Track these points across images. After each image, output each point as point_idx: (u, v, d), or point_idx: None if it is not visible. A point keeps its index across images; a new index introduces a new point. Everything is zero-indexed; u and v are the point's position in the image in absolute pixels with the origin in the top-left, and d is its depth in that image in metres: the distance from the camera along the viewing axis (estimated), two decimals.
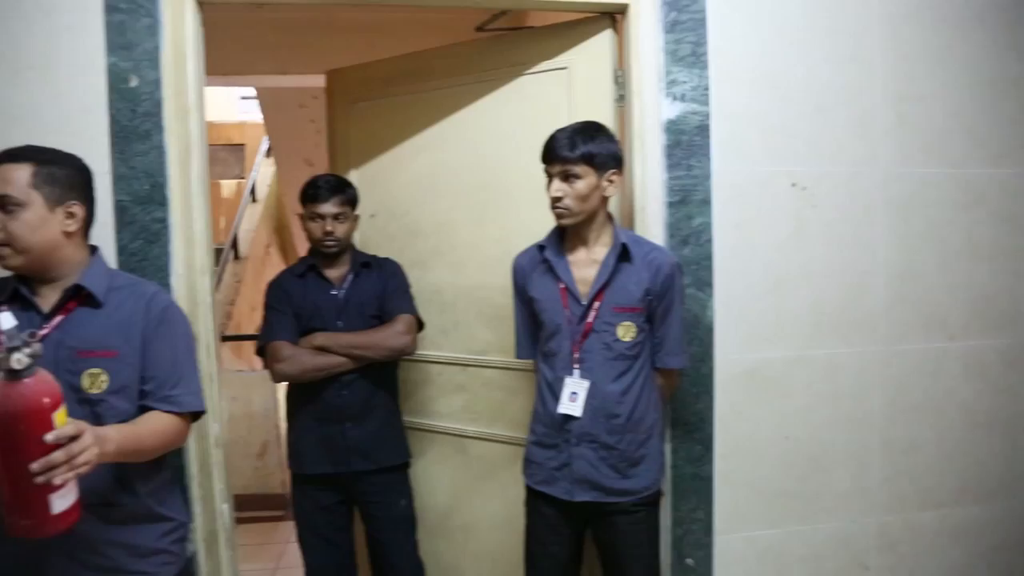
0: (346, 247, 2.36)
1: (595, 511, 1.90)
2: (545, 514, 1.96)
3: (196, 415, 1.59)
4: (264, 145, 6.39)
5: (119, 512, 1.51)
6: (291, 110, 4.48)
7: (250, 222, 6.24)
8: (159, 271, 1.87)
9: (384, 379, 2.35)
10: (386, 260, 2.42)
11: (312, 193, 2.30)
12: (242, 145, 8.53)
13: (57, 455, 1.14)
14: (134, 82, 1.88)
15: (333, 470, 2.28)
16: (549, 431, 1.92)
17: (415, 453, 2.47)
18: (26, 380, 1.10)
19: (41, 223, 1.43)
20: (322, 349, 2.21)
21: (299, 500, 2.37)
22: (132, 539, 1.53)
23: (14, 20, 1.88)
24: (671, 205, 2.08)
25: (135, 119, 1.88)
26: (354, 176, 2.58)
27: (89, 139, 1.83)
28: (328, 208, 2.27)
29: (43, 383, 1.13)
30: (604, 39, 2.16)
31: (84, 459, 1.18)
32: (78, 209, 1.49)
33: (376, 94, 2.57)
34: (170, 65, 1.89)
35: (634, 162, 2.08)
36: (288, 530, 4.15)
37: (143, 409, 1.51)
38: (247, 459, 4.33)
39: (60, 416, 1.14)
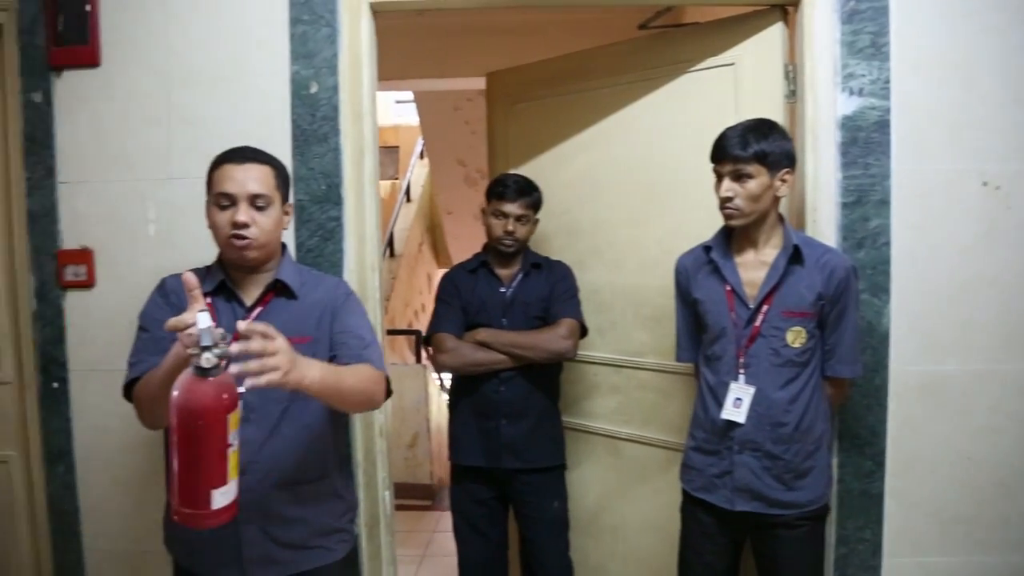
0: (522, 248, 2.39)
1: (756, 522, 1.83)
2: (702, 522, 1.91)
3: (388, 392, 1.62)
4: (418, 147, 6.64)
5: (310, 490, 1.61)
6: (446, 112, 4.62)
7: (405, 221, 6.50)
8: (333, 267, 1.98)
9: (544, 380, 2.36)
10: (557, 263, 2.43)
11: (499, 191, 2.33)
12: (396, 147, 8.91)
13: (254, 344, 1.18)
14: (314, 88, 2.00)
15: (486, 464, 2.33)
16: (710, 437, 1.87)
17: (567, 451, 2.47)
18: (211, 379, 1.13)
19: (277, 222, 1.58)
20: (484, 345, 2.26)
21: (456, 491, 2.43)
22: (318, 517, 1.62)
23: (211, 37, 2.05)
24: (845, 206, 1.97)
25: (314, 123, 2.00)
26: None
27: (273, 143, 1.95)
28: (513, 208, 2.31)
29: (225, 384, 1.15)
30: (775, 33, 2.08)
31: (275, 363, 1.19)
32: (289, 209, 1.64)
33: (536, 95, 2.60)
34: (347, 71, 2.00)
35: (806, 161, 1.99)
36: (435, 519, 4.31)
37: None
38: (398, 449, 4.51)
39: (233, 419, 1.16)
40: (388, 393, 1.62)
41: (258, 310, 1.59)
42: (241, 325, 1.19)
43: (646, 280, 2.33)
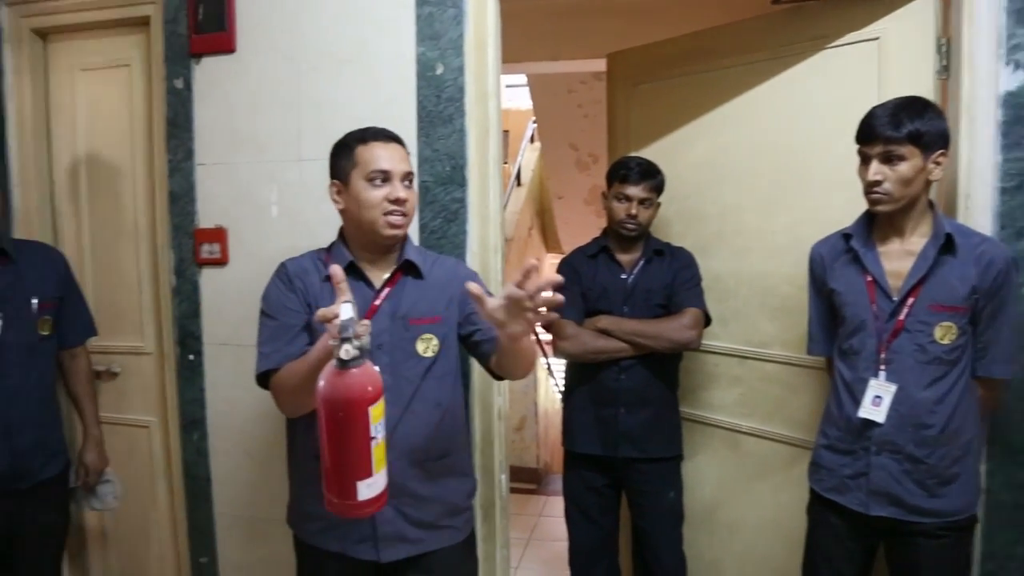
0: (644, 232, 2.33)
1: (893, 529, 1.71)
2: (833, 525, 1.80)
3: None
4: (528, 131, 6.62)
5: (440, 466, 1.64)
6: (560, 95, 4.57)
7: (515, 205, 6.50)
8: (456, 248, 1.99)
9: (664, 370, 2.30)
10: (679, 249, 2.35)
11: (623, 173, 2.27)
12: (506, 131, 8.94)
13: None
14: (439, 70, 2.00)
15: (603, 452, 2.29)
16: (844, 435, 1.76)
17: (683, 441, 2.41)
18: (353, 370, 1.12)
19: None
20: (604, 332, 2.22)
21: (569, 477, 2.41)
22: (449, 496, 1.65)
23: (340, 22, 2.08)
24: (1005, 191, 1.80)
25: (439, 104, 2.00)
26: None
27: (399, 125, 1.96)
28: (636, 191, 2.25)
29: (368, 375, 1.14)
30: (926, 3, 1.92)
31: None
32: None
33: (659, 75, 2.52)
34: (472, 52, 1.99)
35: (959, 142, 1.82)
36: (541, 503, 4.31)
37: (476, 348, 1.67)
38: (506, 433, 4.53)
39: (377, 409, 1.15)
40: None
41: (387, 290, 1.61)
42: (532, 260, 1.27)
43: (774, 268, 2.23)
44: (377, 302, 1.60)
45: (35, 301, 2.02)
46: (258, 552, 2.29)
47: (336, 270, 1.27)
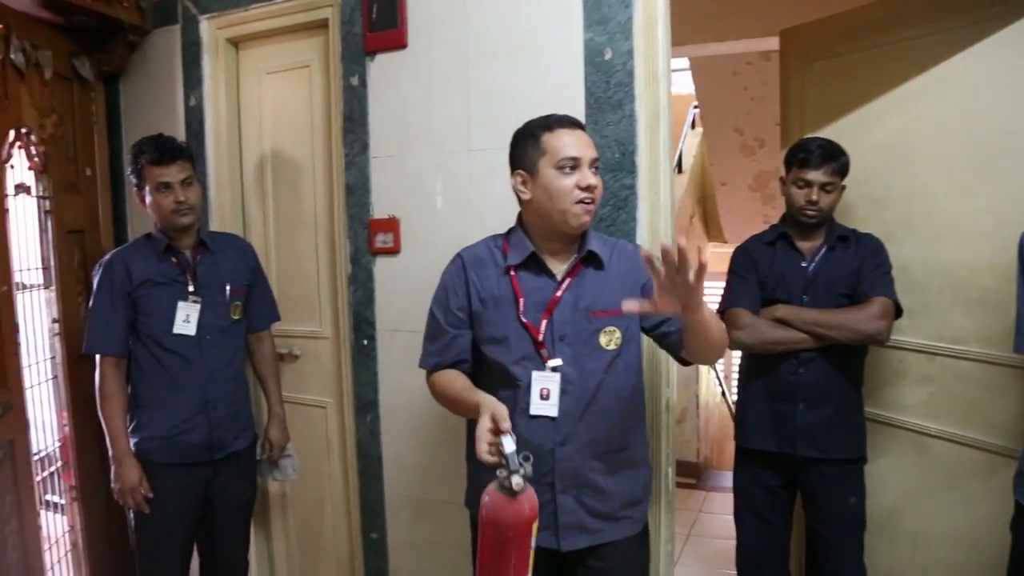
0: (826, 219, 2.19)
1: None
2: None
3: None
4: (689, 116, 6.45)
5: (621, 459, 1.63)
6: (724, 78, 4.41)
7: (676, 192, 6.37)
8: (625, 236, 1.95)
9: (847, 364, 2.15)
10: (866, 235, 2.19)
11: (802, 157, 2.14)
12: None
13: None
14: (608, 55, 1.97)
15: (778, 449, 2.18)
16: None
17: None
18: (519, 497, 1.25)
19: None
20: (782, 322, 2.11)
21: (741, 474, 2.32)
22: (628, 488, 1.63)
23: (507, 12, 2.09)
24: None
25: (608, 90, 1.97)
26: None
27: (567, 111, 1.93)
28: (817, 176, 2.11)
29: (530, 499, 1.27)
30: None
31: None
32: None
33: (838, 50, 2.37)
34: (641, 35, 1.94)
35: None
36: (701, 499, 4.19)
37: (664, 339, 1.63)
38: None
39: (535, 524, 1.29)
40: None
41: (568, 281, 1.59)
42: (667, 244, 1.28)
43: (971, 257, 2.03)
44: (559, 293, 1.59)
45: (229, 287, 2.20)
46: (425, 531, 2.37)
47: (500, 411, 1.36)
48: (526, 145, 1.59)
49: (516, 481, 1.24)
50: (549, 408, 1.56)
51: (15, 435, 2.23)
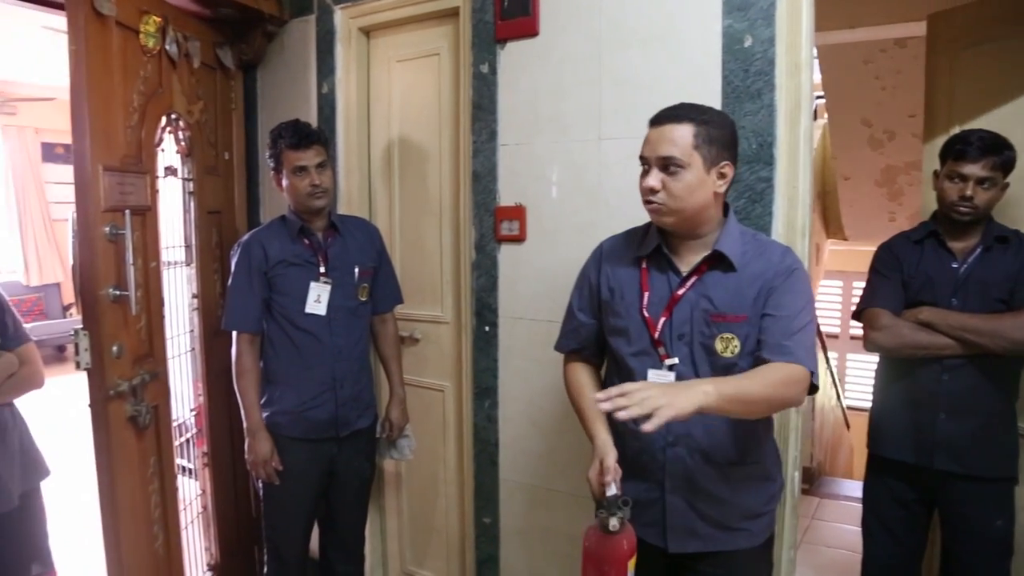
0: (983, 217, 2.04)
1: None
2: None
3: (812, 387, 1.47)
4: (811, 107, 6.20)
5: (741, 472, 1.57)
6: (854, 67, 4.19)
7: None
8: (759, 230, 1.87)
9: (1000, 375, 2.01)
10: None
11: (959, 149, 2.00)
12: None
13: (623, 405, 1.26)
14: (748, 42, 1.91)
15: (915, 461, 2.06)
16: None
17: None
18: (617, 536, 1.39)
19: (699, 185, 1.47)
20: (926, 325, 1.99)
21: (872, 484, 2.21)
22: (747, 500, 1.57)
23: None
24: None
25: (747, 79, 1.91)
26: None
27: (702, 101, 1.89)
28: (974, 170, 1.97)
29: (628, 536, 1.40)
30: None
31: (646, 407, 1.24)
32: (729, 170, 1.51)
33: (993, 36, 2.22)
34: (785, 21, 1.87)
35: None
36: (814, 505, 4.04)
37: (757, 362, 1.48)
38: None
39: (633, 561, 1.40)
40: (812, 388, 1.47)
41: (692, 280, 1.54)
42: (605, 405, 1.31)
43: None
44: (680, 292, 1.54)
45: (357, 269, 2.26)
46: (538, 519, 2.38)
47: (610, 462, 1.48)
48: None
49: (612, 523, 1.38)
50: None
51: (159, 401, 2.37)
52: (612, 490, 1.43)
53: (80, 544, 2.37)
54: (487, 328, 2.37)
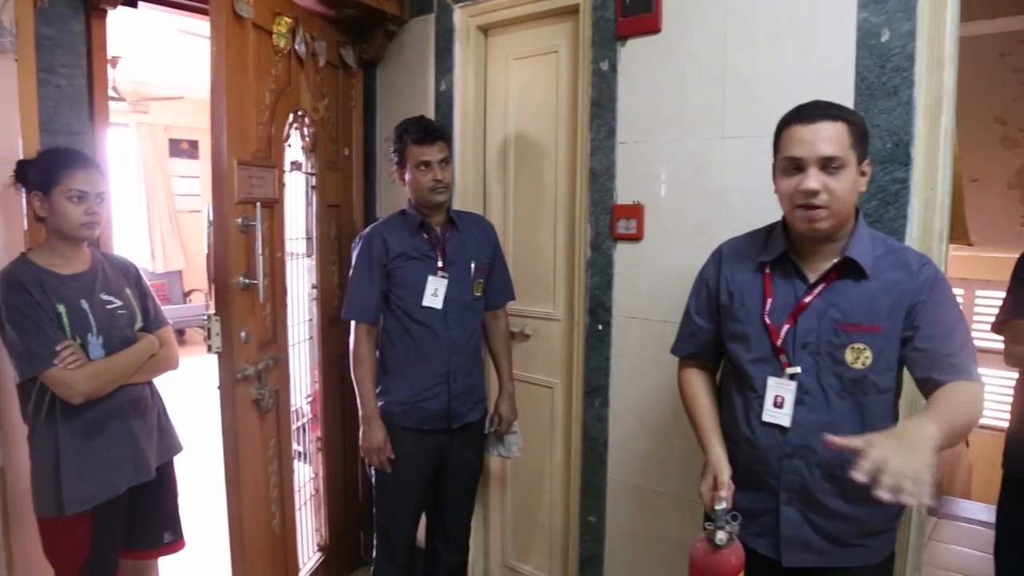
0: None
1: None
2: None
3: None
4: None
5: (863, 487, 1.50)
6: (989, 60, 3.93)
7: None
8: (892, 234, 1.80)
9: None
10: None
11: None
12: None
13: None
14: (885, 36, 1.82)
15: None
16: None
17: None
18: (724, 550, 1.39)
19: (853, 185, 1.42)
20: None
21: (1009, 508, 2.08)
22: (866, 517, 1.49)
23: None
24: None
25: (883, 75, 1.82)
26: None
27: (833, 98, 1.83)
28: None
29: (736, 552, 1.41)
30: None
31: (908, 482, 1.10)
32: (868, 168, 1.46)
33: None
34: (927, 14, 1.77)
35: None
36: (931, 525, 3.84)
37: (926, 383, 1.40)
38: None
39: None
40: None
41: (820, 288, 1.48)
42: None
43: None
44: (807, 299, 1.48)
45: (473, 265, 2.29)
46: (644, 520, 2.35)
47: (721, 493, 1.46)
48: (776, 137, 1.50)
49: (720, 536, 1.38)
50: (781, 417, 1.48)
51: (280, 386, 2.48)
52: (723, 504, 1.43)
53: (195, 518, 2.51)
54: (600, 327, 2.36)
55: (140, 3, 2.53)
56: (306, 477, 2.94)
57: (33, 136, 2.14)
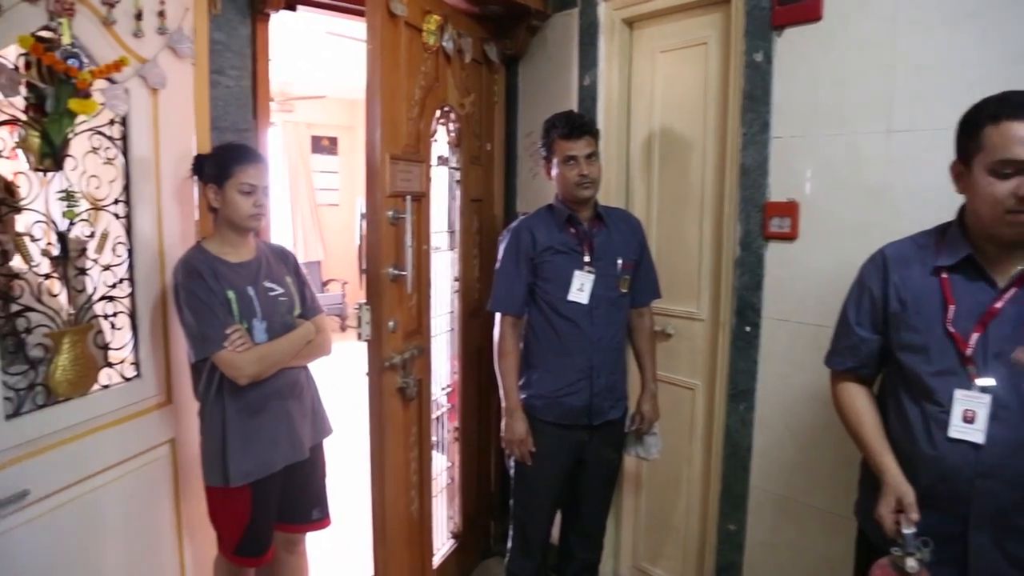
0: None
1: None
2: None
3: None
4: None
5: None
6: None
7: None
8: None
9: None
10: None
11: None
12: None
13: None
14: None
15: None
16: None
17: None
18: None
19: None
20: None
21: None
22: None
23: None
24: None
25: None
26: None
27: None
28: None
29: None
30: None
31: None
32: None
33: None
34: None
35: None
36: None
37: None
38: None
39: None
40: None
41: (1011, 292, 1.36)
42: None
43: None
44: (999, 304, 1.37)
45: (620, 261, 2.26)
46: (788, 533, 2.25)
47: (912, 516, 1.37)
48: (964, 133, 1.38)
49: (910, 564, 1.32)
50: (973, 433, 1.36)
51: (423, 376, 2.54)
52: (910, 528, 1.35)
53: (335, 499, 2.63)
54: (748, 328, 2.27)
55: (299, 6, 2.65)
56: (441, 466, 3.00)
57: (205, 134, 2.29)
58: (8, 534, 1.65)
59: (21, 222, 1.81)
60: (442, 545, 2.93)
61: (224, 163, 2.02)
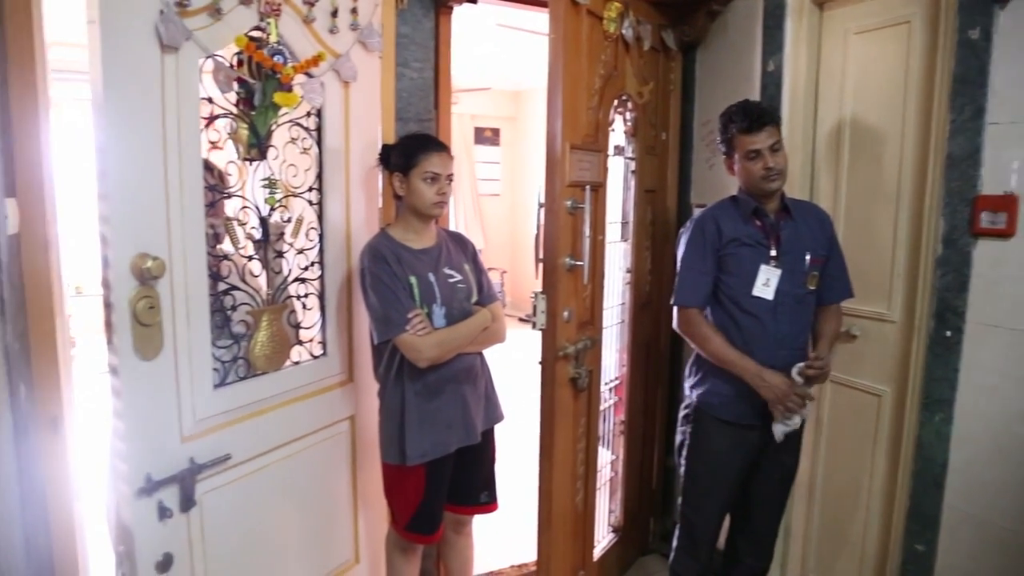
0: None
1: None
2: None
3: None
4: None
5: None
6: None
7: None
8: None
9: None
10: None
11: None
12: None
13: None
14: None
15: None
16: None
17: None
18: None
19: None
20: None
21: None
22: None
23: None
24: None
25: None
26: None
27: None
28: None
29: None
30: None
31: None
32: None
33: None
34: None
35: None
36: None
37: None
38: None
39: None
40: None
41: None
42: None
43: None
44: None
45: (808, 256, 2.14)
46: (990, 561, 2.04)
47: None
48: None
49: None
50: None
51: (594, 367, 2.53)
52: None
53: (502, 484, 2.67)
54: (949, 333, 2.08)
55: None
56: (605, 460, 2.99)
57: (390, 124, 2.39)
58: (213, 492, 1.81)
59: (230, 207, 1.97)
60: (603, 538, 2.92)
61: (410, 152, 2.10)
